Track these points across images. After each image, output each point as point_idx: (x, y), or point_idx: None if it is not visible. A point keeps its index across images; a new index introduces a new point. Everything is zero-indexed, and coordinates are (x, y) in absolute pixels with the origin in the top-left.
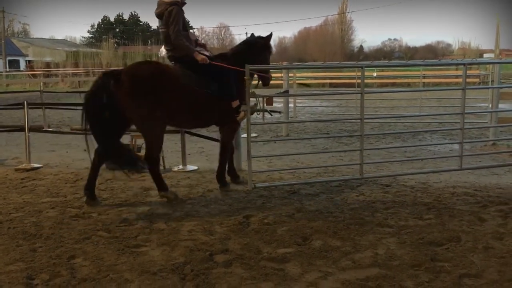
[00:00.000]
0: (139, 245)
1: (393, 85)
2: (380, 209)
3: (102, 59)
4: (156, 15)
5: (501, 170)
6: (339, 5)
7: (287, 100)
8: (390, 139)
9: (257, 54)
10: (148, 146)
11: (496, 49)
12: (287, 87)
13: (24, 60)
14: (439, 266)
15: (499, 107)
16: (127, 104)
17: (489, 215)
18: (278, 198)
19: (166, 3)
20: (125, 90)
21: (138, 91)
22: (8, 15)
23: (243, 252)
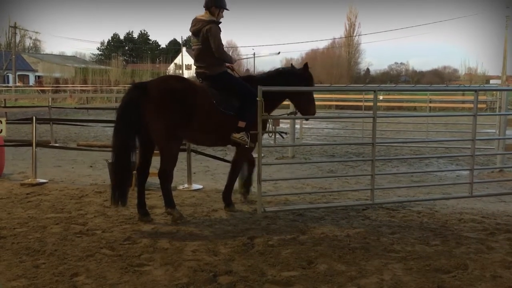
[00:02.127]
0: (143, 264)
1: (400, 109)
2: (386, 233)
3: (110, 76)
4: (192, 32)
5: (509, 198)
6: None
7: (294, 122)
8: (396, 163)
9: (288, 81)
10: (164, 161)
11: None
12: (294, 108)
13: (34, 76)
14: None
15: (506, 133)
16: (151, 116)
17: (497, 243)
18: (283, 219)
19: (203, 21)
20: (151, 102)
21: (163, 104)
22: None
23: (247, 274)
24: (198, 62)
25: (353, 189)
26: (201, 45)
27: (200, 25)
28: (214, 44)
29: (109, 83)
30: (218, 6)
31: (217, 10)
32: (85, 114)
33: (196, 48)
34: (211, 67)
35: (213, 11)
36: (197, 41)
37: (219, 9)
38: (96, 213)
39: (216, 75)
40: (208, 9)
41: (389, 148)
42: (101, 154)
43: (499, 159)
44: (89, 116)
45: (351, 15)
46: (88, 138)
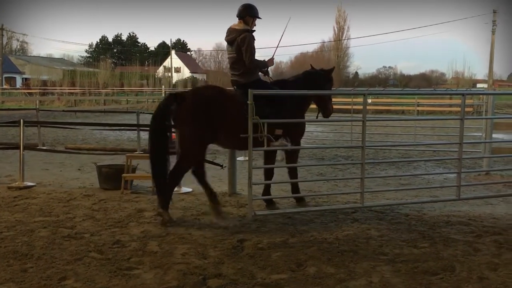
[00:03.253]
0: (132, 267)
1: (388, 112)
2: (375, 236)
3: (99, 78)
4: (227, 41)
5: (495, 200)
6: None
7: None
8: (384, 166)
9: (315, 84)
10: (180, 162)
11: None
12: None
13: (21, 78)
14: None
15: (492, 137)
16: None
17: (484, 245)
18: (273, 222)
19: (238, 30)
20: (181, 108)
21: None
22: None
23: (236, 277)
24: (233, 70)
25: (342, 192)
26: (236, 54)
27: (234, 34)
28: (246, 53)
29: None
30: (252, 16)
31: (250, 19)
32: (73, 116)
33: (230, 56)
34: (244, 75)
35: (247, 21)
36: (232, 50)
37: (253, 18)
38: (85, 216)
39: (249, 83)
40: (242, 19)
41: (378, 151)
42: (89, 157)
43: (486, 162)
44: (77, 119)
45: (340, 19)
46: (76, 141)
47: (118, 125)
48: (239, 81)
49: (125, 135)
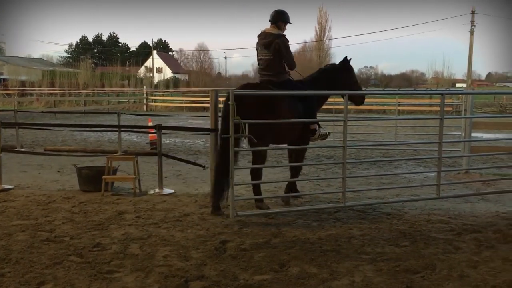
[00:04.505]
0: (112, 271)
1: (369, 112)
2: (357, 235)
3: (79, 79)
4: (263, 44)
5: (474, 198)
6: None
7: None
8: (366, 165)
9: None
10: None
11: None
12: None
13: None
14: None
15: (471, 136)
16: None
17: (464, 243)
18: (256, 223)
19: (273, 34)
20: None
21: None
22: None
23: (219, 278)
24: (266, 70)
25: (324, 192)
26: (272, 56)
27: (271, 38)
28: (288, 55)
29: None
30: (284, 21)
31: (282, 24)
32: (53, 118)
33: (266, 58)
34: (278, 75)
35: (279, 25)
36: (268, 52)
37: (284, 23)
38: (64, 219)
39: (281, 82)
40: (275, 24)
41: (360, 151)
42: (69, 159)
43: (465, 160)
44: (56, 120)
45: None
46: (55, 143)
47: (98, 126)
48: (273, 80)
49: (106, 136)
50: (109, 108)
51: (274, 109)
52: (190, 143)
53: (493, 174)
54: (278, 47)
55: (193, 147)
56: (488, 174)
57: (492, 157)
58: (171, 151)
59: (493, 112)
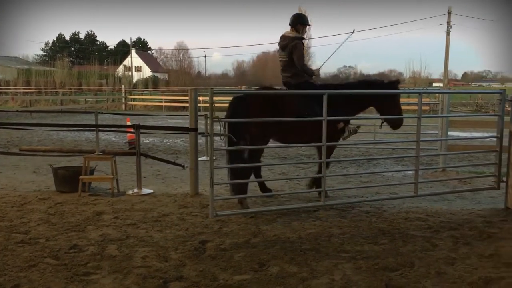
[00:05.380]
0: (89, 272)
1: None
2: (337, 234)
3: (55, 78)
4: (280, 47)
5: (451, 196)
6: None
7: None
8: (345, 164)
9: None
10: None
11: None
12: None
13: None
14: None
15: (448, 134)
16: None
17: (441, 240)
18: (235, 223)
19: (290, 37)
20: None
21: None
22: None
23: (198, 279)
24: (285, 72)
25: (304, 191)
26: (287, 58)
27: (287, 41)
28: (297, 58)
29: (54, 85)
30: (302, 23)
31: (301, 27)
32: (28, 117)
33: (283, 60)
34: (294, 77)
35: (298, 28)
36: (284, 54)
37: (303, 26)
38: (40, 220)
39: (298, 84)
40: (294, 27)
41: (339, 150)
42: (45, 159)
43: (442, 159)
44: (32, 120)
45: None
46: (31, 143)
47: (76, 126)
48: (291, 82)
49: (83, 136)
50: (86, 108)
51: (277, 109)
52: (170, 142)
53: (469, 172)
54: (291, 49)
55: (172, 147)
56: (464, 172)
57: (468, 155)
58: (150, 150)
59: (469, 111)
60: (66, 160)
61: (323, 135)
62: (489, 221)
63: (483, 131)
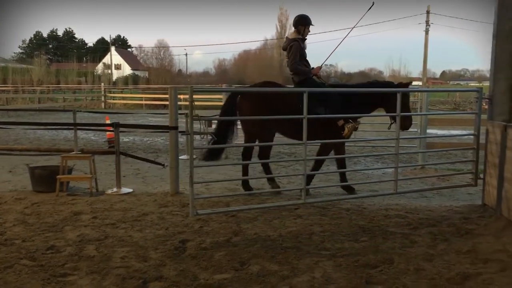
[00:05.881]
0: (67, 274)
1: None
2: (318, 232)
3: (33, 75)
4: (283, 47)
5: (430, 193)
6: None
7: None
8: (326, 162)
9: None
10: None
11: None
12: None
13: None
14: None
15: (427, 132)
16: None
17: (420, 237)
18: (216, 221)
19: (290, 39)
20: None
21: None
22: None
23: (178, 279)
24: (289, 71)
25: (285, 189)
26: (288, 58)
27: (287, 42)
28: (289, 59)
29: (32, 83)
30: (303, 24)
31: (302, 28)
32: (5, 116)
33: (286, 60)
34: (296, 75)
35: (300, 29)
36: (286, 55)
37: (304, 26)
38: (16, 221)
39: (300, 81)
40: (295, 28)
41: None
42: (22, 158)
43: (421, 156)
44: (9, 118)
45: (282, 17)
46: (7, 142)
47: (53, 124)
48: (294, 79)
49: (61, 135)
50: (65, 106)
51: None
52: (150, 141)
53: (447, 169)
54: (288, 50)
55: (153, 145)
56: (443, 170)
57: (446, 152)
58: (130, 149)
59: (447, 109)
60: (44, 159)
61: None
62: (466, 217)
63: (461, 129)
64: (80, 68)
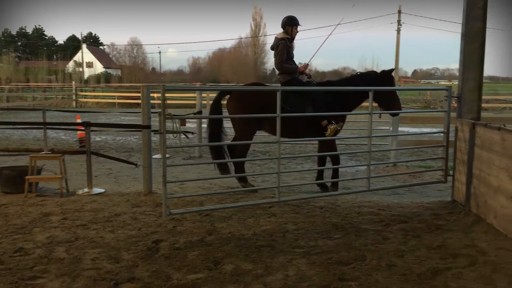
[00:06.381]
0: (36, 276)
1: None
2: (291, 230)
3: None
4: (271, 47)
5: (402, 190)
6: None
7: (200, 122)
8: (300, 160)
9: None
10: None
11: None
12: (200, 108)
13: None
14: (346, 286)
15: (398, 130)
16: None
17: (392, 233)
18: (190, 221)
19: (277, 38)
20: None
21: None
22: None
23: (151, 280)
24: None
25: (259, 188)
26: (275, 58)
27: (275, 42)
28: (276, 59)
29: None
30: (290, 25)
31: (290, 28)
32: None
33: (274, 60)
34: (281, 75)
35: (287, 30)
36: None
37: (291, 27)
38: None
39: (285, 82)
40: (283, 29)
41: (294, 146)
42: None
43: (393, 154)
44: None
45: (257, 16)
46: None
47: (22, 124)
48: (280, 79)
49: (30, 134)
50: (34, 105)
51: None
52: (123, 140)
53: (418, 166)
54: (276, 49)
55: (125, 145)
56: (414, 167)
57: (417, 150)
58: (102, 149)
59: (418, 107)
60: (12, 159)
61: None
62: (437, 213)
63: (432, 126)
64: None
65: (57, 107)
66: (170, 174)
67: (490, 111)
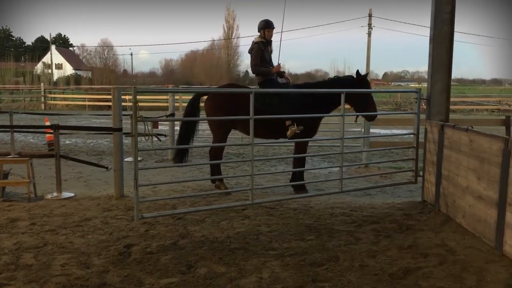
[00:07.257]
0: (2, 284)
1: None
2: (265, 232)
3: None
4: (248, 51)
5: (373, 191)
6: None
7: (173, 124)
8: (274, 162)
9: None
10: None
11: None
12: (173, 110)
13: None
14: (320, 287)
15: (370, 132)
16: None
17: (364, 234)
18: (163, 224)
19: (253, 42)
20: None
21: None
22: None
23: (123, 285)
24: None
25: (233, 190)
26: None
27: (251, 46)
28: (250, 61)
29: None
30: (263, 28)
31: (263, 32)
32: None
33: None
34: (257, 77)
35: (262, 33)
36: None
37: (265, 30)
38: None
39: (260, 82)
40: (259, 32)
41: (267, 148)
42: None
43: (365, 155)
44: None
45: (229, 18)
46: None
47: None
48: (257, 80)
49: None
50: (1, 107)
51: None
52: (94, 143)
53: (389, 167)
54: (251, 52)
55: (96, 148)
56: (385, 168)
57: (388, 151)
58: (72, 152)
59: (389, 109)
60: None
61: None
62: (407, 213)
63: (402, 128)
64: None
65: (25, 109)
66: (142, 177)
67: (458, 112)
